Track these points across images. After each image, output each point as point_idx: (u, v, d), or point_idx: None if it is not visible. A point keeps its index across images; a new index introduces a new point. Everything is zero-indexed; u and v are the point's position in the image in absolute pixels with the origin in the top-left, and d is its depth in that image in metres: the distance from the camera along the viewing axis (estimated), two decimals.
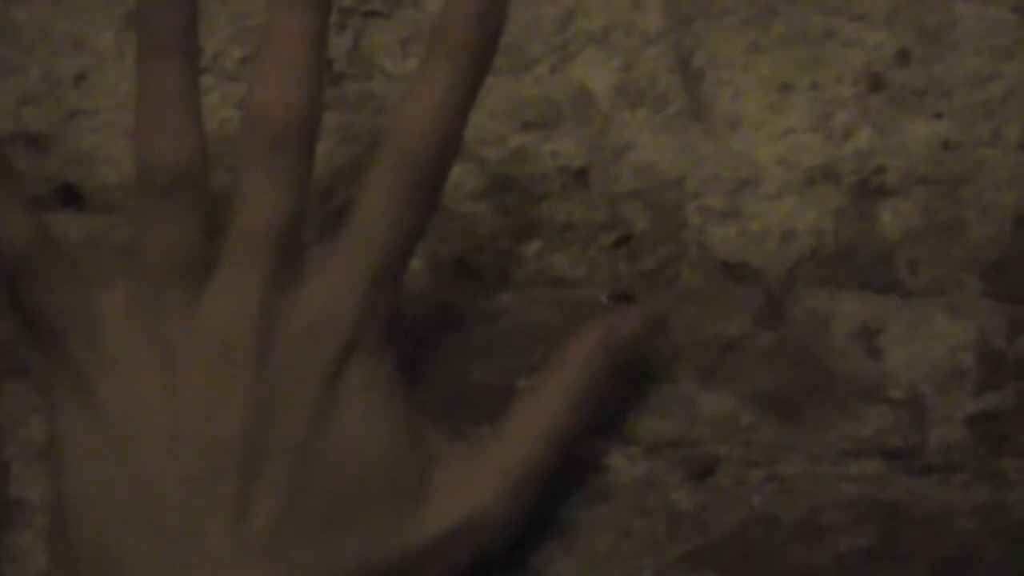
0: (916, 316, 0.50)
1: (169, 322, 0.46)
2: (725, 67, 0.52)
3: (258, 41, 0.47)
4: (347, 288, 0.47)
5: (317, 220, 0.51)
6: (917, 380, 0.50)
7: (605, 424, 0.50)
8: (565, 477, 0.48)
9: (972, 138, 0.51)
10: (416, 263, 0.51)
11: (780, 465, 0.50)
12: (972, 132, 0.51)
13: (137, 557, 0.45)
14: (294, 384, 0.46)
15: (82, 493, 0.46)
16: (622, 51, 0.53)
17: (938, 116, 0.52)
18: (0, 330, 0.52)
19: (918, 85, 0.52)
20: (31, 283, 0.47)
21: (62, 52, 0.54)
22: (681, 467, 0.50)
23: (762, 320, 0.51)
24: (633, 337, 0.49)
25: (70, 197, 0.53)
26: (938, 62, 0.52)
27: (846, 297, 0.51)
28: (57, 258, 0.47)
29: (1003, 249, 0.51)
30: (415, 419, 0.48)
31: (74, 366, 0.46)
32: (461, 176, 0.52)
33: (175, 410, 0.46)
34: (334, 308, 0.46)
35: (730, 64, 0.52)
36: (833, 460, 0.49)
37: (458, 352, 0.51)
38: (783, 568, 0.49)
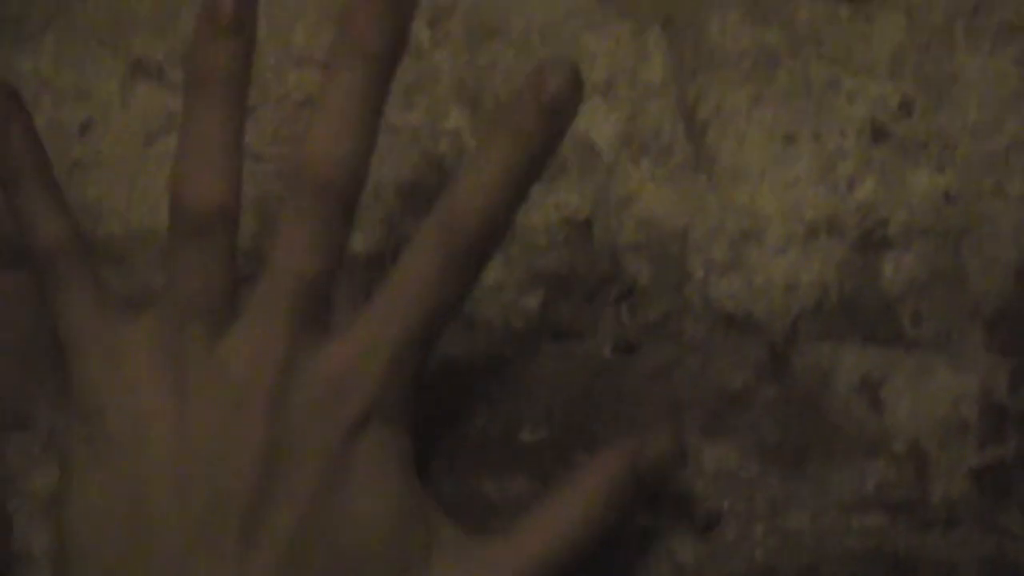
0: (919, 369, 0.50)
1: (188, 362, 0.46)
2: (729, 118, 0.52)
3: (317, 93, 0.46)
4: (374, 351, 0.46)
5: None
6: (920, 433, 0.50)
7: None
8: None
9: (975, 190, 0.51)
10: None
11: (783, 518, 0.50)
12: (975, 184, 0.51)
13: None
14: (308, 439, 0.45)
15: (85, 532, 0.46)
16: (626, 102, 0.52)
17: (941, 168, 0.52)
18: (4, 383, 0.52)
19: (921, 137, 0.52)
20: (57, 286, 0.47)
21: (67, 102, 0.54)
22: (684, 520, 0.50)
23: (765, 373, 0.50)
24: (661, 463, 0.48)
25: None
26: (941, 114, 0.52)
27: (849, 350, 0.51)
28: (86, 268, 0.47)
29: (1005, 302, 0.51)
30: (423, 500, 0.47)
31: (90, 383, 0.47)
32: None
33: (184, 452, 0.45)
34: (358, 369, 0.46)
35: (733, 115, 0.52)
36: (836, 513, 0.49)
37: (461, 403, 0.51)
38: None
